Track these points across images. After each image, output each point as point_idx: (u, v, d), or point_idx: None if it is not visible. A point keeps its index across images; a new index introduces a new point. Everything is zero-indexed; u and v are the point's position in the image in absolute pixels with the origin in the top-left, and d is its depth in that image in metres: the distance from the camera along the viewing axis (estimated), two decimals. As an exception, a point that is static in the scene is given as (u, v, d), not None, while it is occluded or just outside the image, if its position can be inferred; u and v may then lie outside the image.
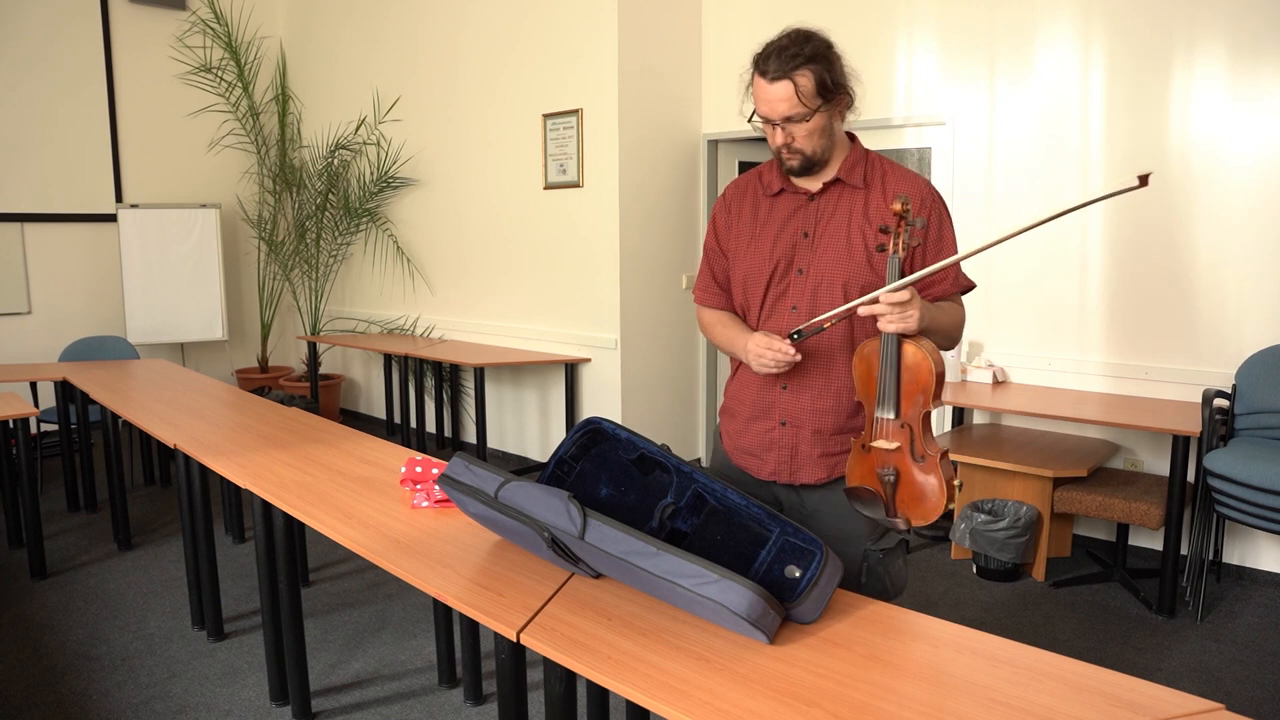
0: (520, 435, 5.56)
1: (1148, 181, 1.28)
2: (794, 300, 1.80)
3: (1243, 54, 3.41)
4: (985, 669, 1.34)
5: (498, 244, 5.46)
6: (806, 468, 1.84)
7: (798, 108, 1.68)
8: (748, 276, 1.86)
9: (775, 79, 1.68)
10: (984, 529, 3.55)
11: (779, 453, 1.86)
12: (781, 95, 1.68)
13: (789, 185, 1.84)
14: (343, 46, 6.34)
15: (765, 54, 1.71)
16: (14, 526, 3.96)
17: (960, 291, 1.83)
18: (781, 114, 1.69)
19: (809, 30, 1.72)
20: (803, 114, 1.69)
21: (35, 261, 5.78)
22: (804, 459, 1.84)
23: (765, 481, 1.91)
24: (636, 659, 1.39)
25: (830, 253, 1.77)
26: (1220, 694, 2.74)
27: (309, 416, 3.21)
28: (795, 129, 1.71)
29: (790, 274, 1.80)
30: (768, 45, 1.72)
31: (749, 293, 1.87)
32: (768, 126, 1.74)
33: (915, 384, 1.65)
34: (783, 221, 1.83)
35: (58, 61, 5.77)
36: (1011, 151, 4.00)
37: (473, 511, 1.76)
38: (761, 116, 1.73)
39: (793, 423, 1.83)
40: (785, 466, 1.86)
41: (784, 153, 1.75)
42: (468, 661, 2.67)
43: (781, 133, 1.72)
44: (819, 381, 1.81)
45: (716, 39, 4.95)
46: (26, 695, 2.71)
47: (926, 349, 1.63)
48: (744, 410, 1.92)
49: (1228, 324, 3.55)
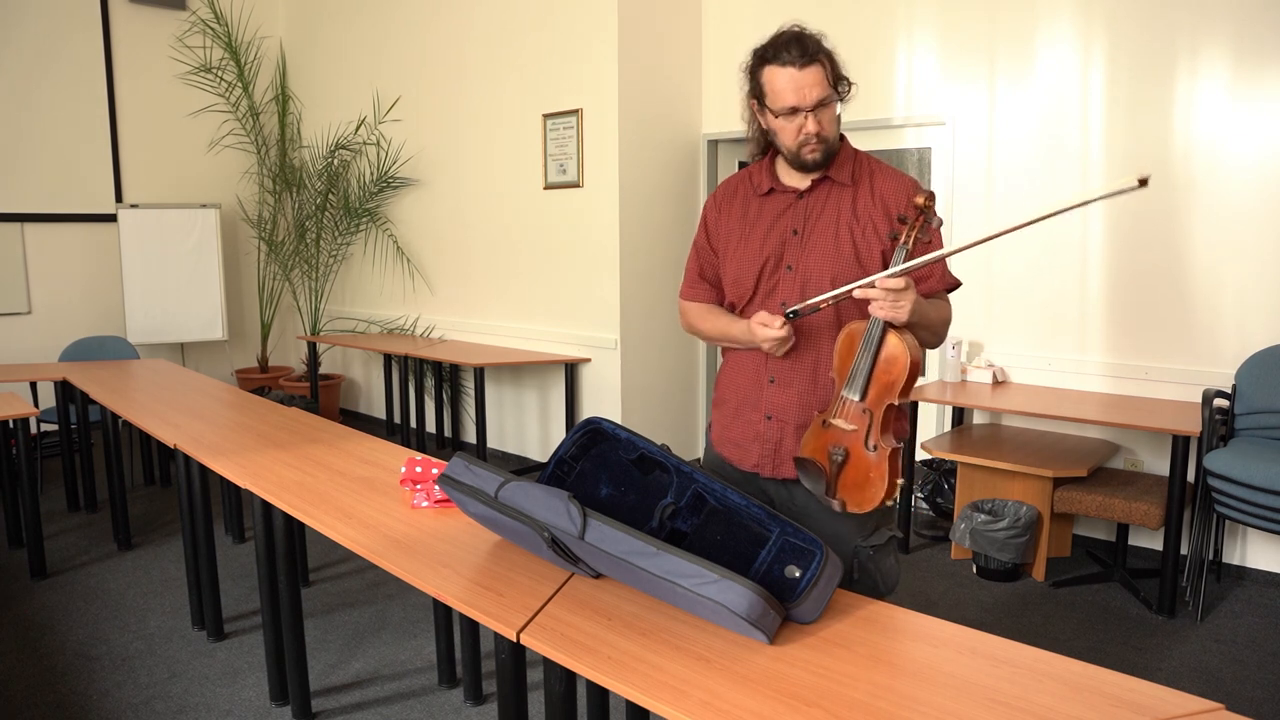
0: (520, 435, 5.56)
1: (1147, 183, 1.29)
2: (783, 296, 1.81)
3: (1244, 54, 3.41)
4: (985, 669, 1.34)
5: (498, 244, 5.46)
6: (789, 461, 1.84)
7: (828, 90, 1.70)
8: (738, 273, 1.87)
9: (806, 64, 1.68)
10: (984, 529, 3.55)
11: (763, 445, 1.87)
12: (816, 79, 1.69)
13: (778, 185, 1.85)
14: (343, 46, 6.34)
15: (779, 45, 1.70)
16: (14, 526, 3.96)
17: (947, 290, 1.83)
18: (816, 99, 1.69)
19: (801, 26, 1.75)
20: (831, 97, 1.71)
21: (35, 261, 5.78)
22: (788, 453, 1.84)
23: (750, 474, 1.91)
24: (636, 659, 1.39)
25: (819, 249, 1.78)
26: (1220, 694, 2.74)
27: (309, 416, 3.21)
28: (824, 115, 1.71)
29: (780, 270, 1.82)
30: (778, 38, 1.71)
31: (739, 289, 1.88)
32: (791, 119, 1.72)
33: (888, 374, 1.65)
34: (772, 220, 1.84)
35: (58, 61, 5.77)
36: (1011, 152, 4.00)
37: (473, 511, 1.76)
38: (789, 108, 1.71)
39: (778, 417, 1.84)
40: (769, 459, 1.86)
41: (810, 144, 1.73)
42: (468, 661, 2.67)
43: (813, 120, 1.71)
44: (806, 377, 1.82)
45: (716, 39, 4.95)
46: (26, 695, 2.71)
47: (908, 343, 1.64)
48: (732, 400, 1.93)
49: (1228, 324, 3.55)
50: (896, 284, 1.58)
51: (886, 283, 1.58)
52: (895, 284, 1.58)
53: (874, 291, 1.59)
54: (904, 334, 1.65)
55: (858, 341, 1.68)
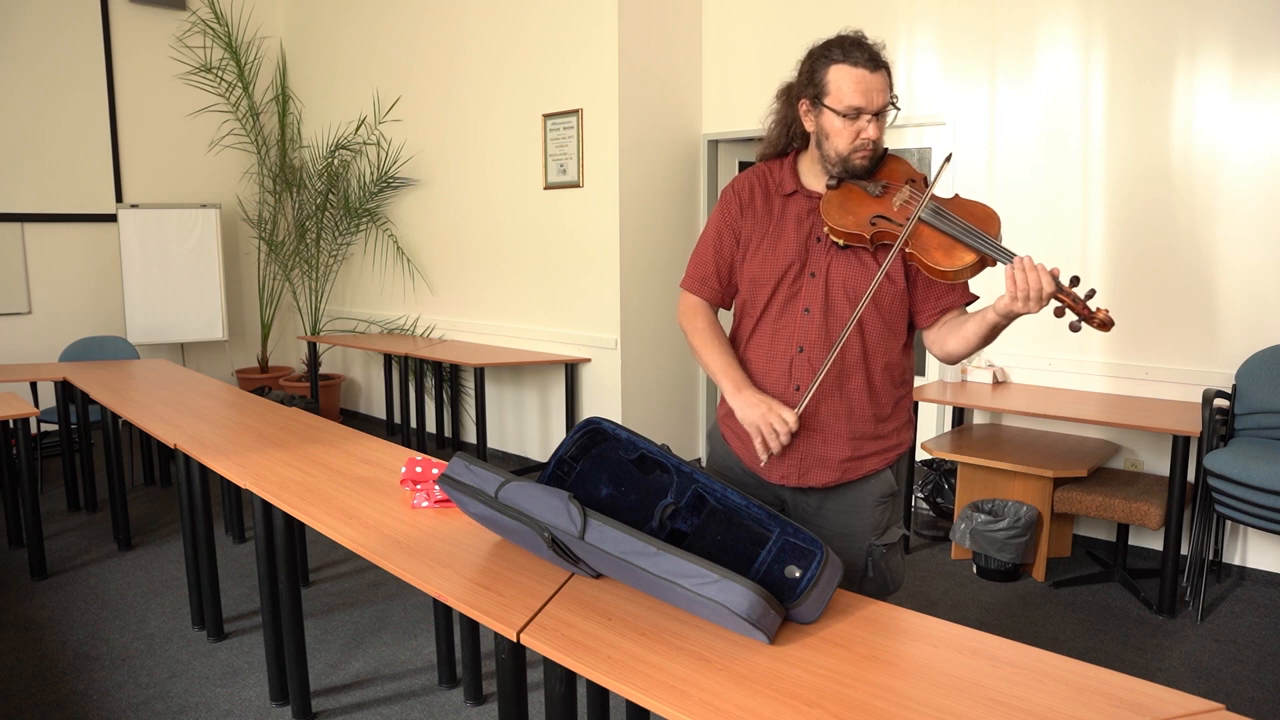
0: (520, 435, 5.56)
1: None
2: (806, 303, 1.79)
3: (1244, 55, 3.41)
4: (985, 669, 1.34)
5: (498, 244, 5.46)
6: (816, 471, 1.83)
7: (890, 97, 1.70)
8: (758, 274, 1.83)
9: (876, 68, 1.68)
10: (984, 529, 3.55)
11: (789, 458, 1.83)
12: (882, 85, 1.69)
13: (801, 187, 1.83)
14: (343, 46, 6.34)
15: (850, 46, 1.68)
16: (14, 526, 3.96)
17: (966, 303, 1.82)
18: (880, 104, 1.69)
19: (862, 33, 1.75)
20: (889, 107, 1.71)
21: (35, 261, 5.78)
22: (814, 462, 1.82)
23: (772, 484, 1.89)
24: (636, 659, 1.39)
25: (843, 257, 1.77)
26: (1220, 694, 2.74)
27: (309, 416, 3.21)
28: (882, 122, 1.71)
29: (804, 277, 1.79)
30: (847, 40, 1.70)
31: (756, 289, 1.84)
32: (851, 122, 1.70)
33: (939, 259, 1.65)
34: (796, 223, 1.81)
35: (58, 61, 5.77)
36: (1012, 152, 4.00)
37: (473, 511, 1.76)
38: (854, 108, 1.68)
39: (804, 426, 1.80)
40: (794, 471, 1.84)
41: (864, 150, 1.72)
42: (468, 661, 2.66)
43: (875, 125, 1.70)
44: (832, 386, 1.79)
45: (716, 39, 4.95)
46: (26, 695, 2.71)
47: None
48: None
49: (1228, 324, 3.55)
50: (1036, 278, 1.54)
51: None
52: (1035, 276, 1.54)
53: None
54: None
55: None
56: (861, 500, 1.84)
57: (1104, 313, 1.53)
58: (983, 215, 1.68)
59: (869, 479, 1.84)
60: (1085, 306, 1.53)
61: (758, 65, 4.70)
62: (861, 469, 1.83)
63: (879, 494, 1.85)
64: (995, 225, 1.65)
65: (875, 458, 1.83)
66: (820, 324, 1.77)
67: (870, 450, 1.83)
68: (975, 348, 1.72)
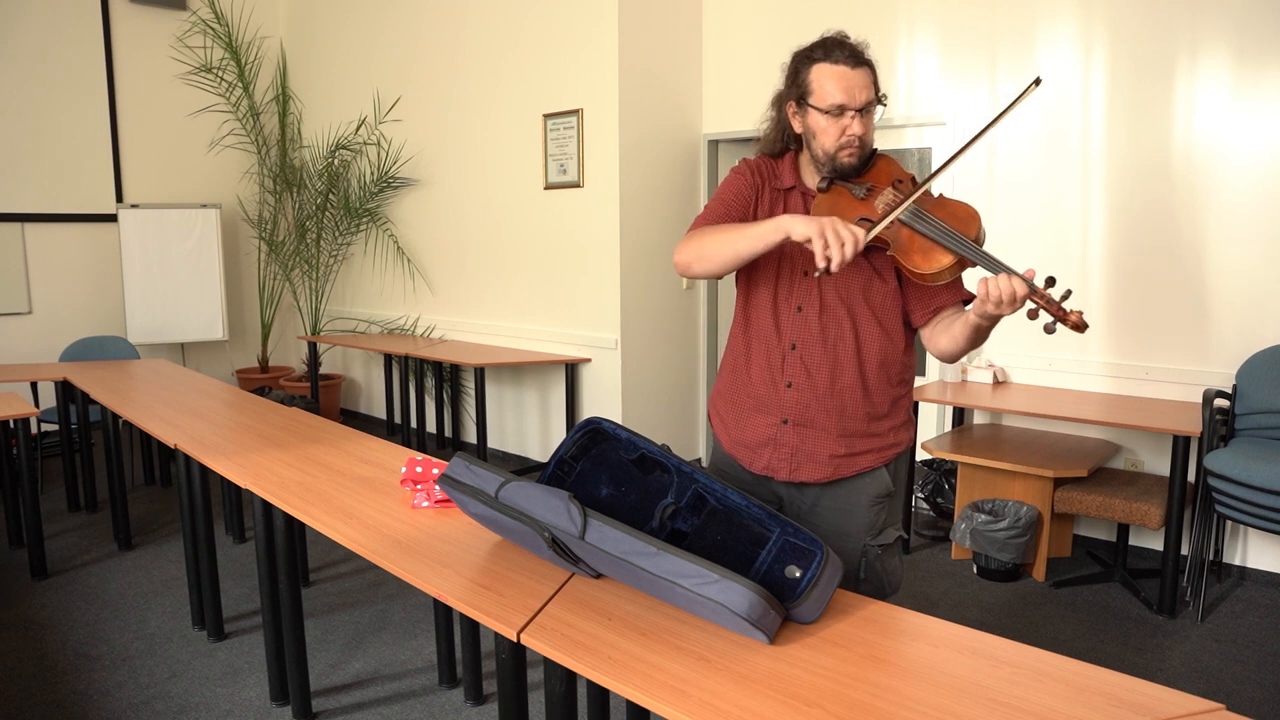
0: (520, 435, 5.56)
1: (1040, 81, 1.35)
2: (799, 300, 1.80)
3: (1245, 55, 3.41)
4: (985, 669, 1.34)
5: (498, 244, 5.46)
6: (807, 466, 1.83)
7: (874, 96, 1.71)
8: (753, 271, 1.85)
9: (858, 65, 1.70)
10: (984, 529, 3.55)
11: (778, 450, 1.84)
12: (865, 82, 1.71)
13: (800, 182, 1.84)
14: (343, 46, 6.34)
15: (831, 45, 1.71)
16: (14, 526, 3.96)
17: (963, 302, 1.82)
18: (864, 100, 1.70)
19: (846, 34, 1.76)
20: (875, 103, 1.72)
21: (35, 261, 5.78)
22: (805, 457, 1.82)
23: (762, 476, 1.89)
24: (637, 659, 1.39)
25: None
26: (1220, 694, 2.74)
27: (309, 416, 3.21)
28: (868, 119, 1.72)
29: (796, 274, 1.80)
30: (829, 40, 1.72)
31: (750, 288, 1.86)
32: (836, 119, 1.72)
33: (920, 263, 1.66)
34: None
35: (58, 61, 5.77)
36: (1012, 152, 4.00)
37: (473, 511, 1.76)
38: (837, 105, 1.70)
39: (795, 421, 1.81)
40: (784, 464, 1.84)
41: (850, 147, 1.73)
42: (468, 661, 2.67)
43: (859, 122, 1.72)
44: (824, 383, 1.79)
45: (716, 39, 4.95)
46: (26, 695, 2.71)
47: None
48: (745, 401, 1.88)
49: (1228, 324, 3.55)
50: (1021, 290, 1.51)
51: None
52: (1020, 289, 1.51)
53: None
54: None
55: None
56: (856, 499, 1.84)
57: (1078, 315, 1.53)
58: (963, 215, 1.68)
59: (864, 476, 1.84)
60: (1060, 308, 1.53)
61: (758, 65, 4.71)
62: (855, 466, 1.82)
63: (874, 494, 1.84)
64: (975, 225, 1.65)
65: (870, 455, 1.83)
66: (814, 322, 1.78)
67: (864, 448, 1.83)
68: (966, 347, 1.72)
